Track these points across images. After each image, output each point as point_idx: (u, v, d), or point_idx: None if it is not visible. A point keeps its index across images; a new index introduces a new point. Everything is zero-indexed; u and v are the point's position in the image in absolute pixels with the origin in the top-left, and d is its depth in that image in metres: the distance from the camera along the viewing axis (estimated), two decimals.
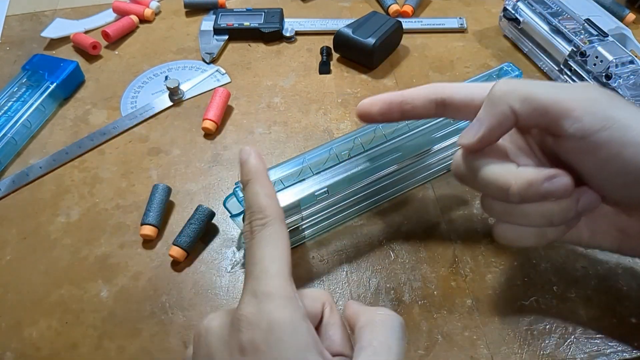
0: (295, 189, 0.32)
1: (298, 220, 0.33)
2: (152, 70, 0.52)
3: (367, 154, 0.34)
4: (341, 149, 0.35)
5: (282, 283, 0.22)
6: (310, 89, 0.49)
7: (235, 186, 0.33)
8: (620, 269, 0.34)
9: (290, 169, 0.34)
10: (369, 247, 0.36)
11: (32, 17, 0.60)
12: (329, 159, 0.35)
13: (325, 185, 0.32)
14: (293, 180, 0.33)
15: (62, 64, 0.49)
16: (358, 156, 0.34)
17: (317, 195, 0.32)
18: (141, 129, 0.46)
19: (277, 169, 0.34)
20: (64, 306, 0.34)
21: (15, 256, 0.37)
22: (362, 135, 0.36)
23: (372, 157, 0.34)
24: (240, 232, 0.37)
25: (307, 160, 0.34)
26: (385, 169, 0.35)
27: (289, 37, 0.54)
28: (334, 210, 0.35)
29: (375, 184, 0.35)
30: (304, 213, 0.33)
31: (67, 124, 0.47)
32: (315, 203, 0.33)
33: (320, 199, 0.33)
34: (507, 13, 0.51)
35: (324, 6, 0.59)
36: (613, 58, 0.40)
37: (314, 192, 0.32)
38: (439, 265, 0.35)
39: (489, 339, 0.31)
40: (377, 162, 0.34)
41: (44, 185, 0.42)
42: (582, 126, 0.23)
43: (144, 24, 0.58)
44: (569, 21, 0.46)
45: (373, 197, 0.37)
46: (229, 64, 0.52)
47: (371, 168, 0.34)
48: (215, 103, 0.45)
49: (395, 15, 0.56)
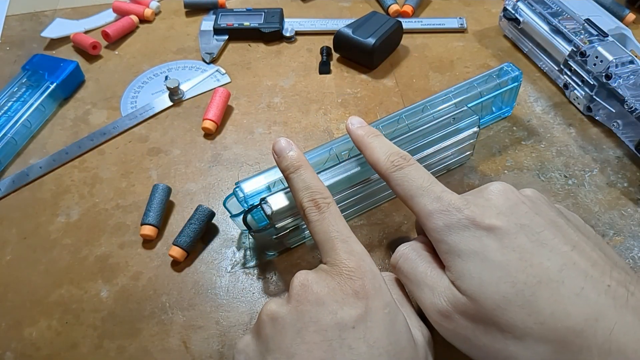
0: None
1: (298, 220, 0.33)
2: (152, 70, 0.52)
3: None
4: (341, 149, 0.35)
5: (362, 247, 0.27)
6: (310, 89, 0.49)
7: (236, 186, 0.33)
8: None
9: None
10: (369, 247, 0.36)
11: (32, 17, 0.60)
12: (329, 159, 0.35)
13: (325, 185, 0.32)
14: None
15: (62, 64, 0.49)
16: (358, 156, 0.34)
17: None
18: (141, 129, 0.46)
19: (277, 169, 0.34)
20: (64, 306, 0.34)
21: (15, 256, 0.37)
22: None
23: None
24: (240, 232, 0.37)
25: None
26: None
27: (289, 37, 0.54)
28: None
29: (375, 183, 0.35)
30: None
31: (67, 124, 0.47)
32: None
33: None
34: (507, 13, 0.51)
35: (324, 6, 0.59)
36: (613, 58, 0.40)
37: None
38: None
39: None
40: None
41: (44, 185, 0.42)
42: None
43: (144, 24, 0.58)
44: (569, 21, 0.46)
45: (373, 197, 0.37)
46: (229, 64, 0.52)
47: (371, 168, 0.34)
48: (215, 103, 0.45)
49: (395, 15, 0.56)
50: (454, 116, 0.36)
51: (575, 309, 0.22)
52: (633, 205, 0.38)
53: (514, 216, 0.25)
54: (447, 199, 0.26)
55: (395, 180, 0.28)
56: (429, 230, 0.27)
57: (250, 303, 0.34)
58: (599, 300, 0.22)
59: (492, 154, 0.42)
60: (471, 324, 0.24)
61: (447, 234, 0.25)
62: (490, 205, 0.26)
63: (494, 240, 0.24)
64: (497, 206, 0.26)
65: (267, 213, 0.31)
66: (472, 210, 0.25)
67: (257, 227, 0.33)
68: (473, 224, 0.25)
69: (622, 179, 0.39)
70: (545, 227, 0.25)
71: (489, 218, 0.25)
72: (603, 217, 0.37)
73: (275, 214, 0.31)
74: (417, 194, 0.27)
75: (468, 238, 0.25)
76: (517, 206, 0.26)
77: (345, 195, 0.34)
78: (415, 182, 0.28)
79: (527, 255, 0.23)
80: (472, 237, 0.25)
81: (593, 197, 0.38)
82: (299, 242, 0.37)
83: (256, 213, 0.32)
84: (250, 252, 0.36)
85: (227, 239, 0.37)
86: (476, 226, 0.25)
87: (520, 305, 0.23)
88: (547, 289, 0.22)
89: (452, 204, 0.26)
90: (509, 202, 0.26)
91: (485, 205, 0.26)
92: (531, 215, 0.25)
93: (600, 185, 0.39)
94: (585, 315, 0.21)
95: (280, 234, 0.33)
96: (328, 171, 0.33)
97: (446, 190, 0.27)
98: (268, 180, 0.34)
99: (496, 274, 0.23)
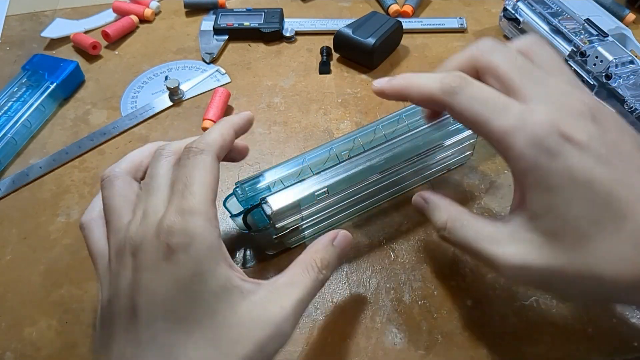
0: (295, 189, 0.32)
1: (298, 220, 0.33)
2: (152, 70, 0.52)
3: (367, 154, 0.34)
4: (341, 149, 0.35)
5: (206, 205, 0.25)
6: (310, 89, 0.49)
7: (235, 186, 0.33)
8: None
9: (290, 169, 0.34)
10: (369, 247, 0.36)
11: (32, 17, 0.60)
12: (329, 159, 0.35)
13: (325, 185, 0.32)
14: (293, 181, 0.33)
15: (62, 64, 0.49)
16: (358, 156, 0.34)
17: (317, 195, 0.32)
18: (141, 129, 0.46)
19: (277, 169, 0.34)
20: (64, 306, 0.34)
21: (15, 256, 0.37)
22: (362, 135, 0.36)
23: (372, 157, 0.34)
24: (239, 232, 0.37)
25: (307, 160, 0.35)
26: (385, 169, 0.35)
27: (289, 37, 0.54)
28: (334, 210, 0.35)
29: (375, 183, 0.35)
30: (304, 213, 0.33)
31: (67, 124, 0.47)
32: (315, 203, 0.33)
33: (320, 199, 0.33)
34: (507, 13, 0.51)
35: (324, 6, 0.59)
36: (613, 58, 0.40)
37: (314, 192, 0.32)
38: (439, 265, 0.35)
39: (488, 339, 0.31)
40: (377, 162, 0.34)
41: (44, 185, 0.42)
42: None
43: (144, 24, 0.58)
44: (569, 21, 0.46)
45: (373, 197, 0.37)
46: (229, 64, 0.52)
47: (371, 168, 0.34)
48: (215, 103, 0.45)
49: (395, 15, 0.56)
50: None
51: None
52: None
53: (607, 132, 0.23)
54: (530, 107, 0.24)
55: (460, 105, 0.25)
56: (517, 164, 0.24)
57: None
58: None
59: (492, 154, 0.42)
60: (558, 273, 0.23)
61: (536, 156, 0.23)
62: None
63: (582, 167, 0.22)
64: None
65: (268, 213, 0.31)
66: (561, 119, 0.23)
67: (257, 228, 0.33)
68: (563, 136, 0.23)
69: None
70: (633, 146, 0.24)
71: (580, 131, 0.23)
72: None
73: (275, 214, 0.31)
74: (491, 114, 0.24)
75: (555, 162, 0.23)
76: (604, 118, 0.24)
77: (345, 195, 0.34)
78: (484, 102, 0.25)
79: (615, 187, 0.22)
80: (561, 163, 0.23)
81: None
82: (299, 242, 0.37)
83: (256, 213, 0.32)
84: (250, 252, 0.36)
85: (227, 239, 0.37)
86: (564, 140, 0.23)
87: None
88: (631, 223, 0.22)
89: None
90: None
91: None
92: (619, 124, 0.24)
93: None
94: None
95: (280, 234, 0.33)
96: (328, 171, 0.33)
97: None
98: (268, 180, 0.34)
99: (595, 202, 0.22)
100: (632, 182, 0.23)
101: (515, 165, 0.24)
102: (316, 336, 0.32)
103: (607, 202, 0.22)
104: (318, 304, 0.33)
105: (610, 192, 0.22)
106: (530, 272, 0.24)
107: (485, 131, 0.25)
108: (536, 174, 0.23)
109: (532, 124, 0.23)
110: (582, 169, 0.23)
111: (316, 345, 0.31)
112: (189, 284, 0.23)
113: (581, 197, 0.23)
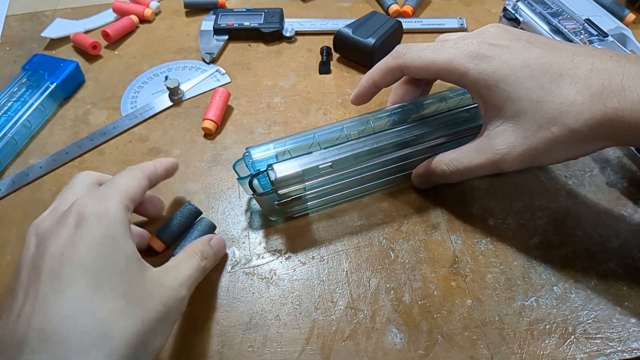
0: (301, 160, 0.34)
1: (301, 190, 0.34)
2: (152, 70, 0.52)
3: (376, 136, 0.36)
4: (351, 130, 0.37)
5: (119, 198, 0.28)
6: (310, 89, 0.49)
7: (245, 151, 0.35)
8: (621, 269, 0.34)
9: (299, 143, 0.36)
10: (369, 247, 0.36)
11: (32, 17, 0.60)
12: (340, 137, 0.36)
13: (330, 160, 0.34)
14: (301, 152, 0.35)
15: (62, 64, 0.49)
16: (367, 137, 0.35)
17: (321, 168, 0.34)
18: (141, 129, 0.46)
19: (287, 140, 0.36)
20: None
21: (16, 256, 0.37)
22: (375, 119, 0.37)
23: (380, 139, 0.36)
24: (249, 197, 0.39)
25: (317, 137, 0.36)
26: (391, 154, 0.36)
27: (289, 37, 0.54)
28: (337, 186, 0.36)
29: (380, 165, 0.36)
30: (307, 184, 0.34)
31: (67, 124, 0.47)
32: (319, 176, 0.34)
33: (324, 172, 0.34)
34: (507, 13, 0.51)
35: (324, 6, 0.59)
36: None
37: (318, 165, 0.34)
38: (439, 265, 0.35)
39: (489, 339, 0.31)
40: (384, 145, 0.36)
41: (44, 185, 0.42)
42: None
43: (144, 24, 0.58)
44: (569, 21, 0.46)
45: (377, 179, 0.38)
46: (229, 64, 0.52)
47: (377, 150, 0.35)
48: (215, 103, 0.45)
49: (395, 15, 0.56)
50: (468, 110, 0.38)
51: (593, 81, 0.28)
52: (633, 205, 0.38)
53: (522, 35, 0.32)
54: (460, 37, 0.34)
55: (411, 58, 0.34)
56: (467, 78, 0.32)
57: (250, 303, 0.34)
58: (607, 66, 0.28)
59: None
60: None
61: (478, 65, 0.31)
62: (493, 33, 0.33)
63: (514, 56, 0.30)
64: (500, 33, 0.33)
65: (272, 179, 0.33)
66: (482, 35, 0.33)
67: (262, 191, 0.34)
68: (488, 44, 0.31)
69: (622, 179, 0.40)
70: (546, 39, 0.32)
71: (501, 39, 0.32)
72: (603, 217, 0.37)
73: (278, 180, 0.33)
74: (433, 53, 0.33)
75: (494, 62, 0.30)
76: (517, 31, 0.32)
77: (349, 173, 0.35)
78: (425, 48, 0.34)
79: (545, 59, 0.30)
80: (497, 61, 0.30)
81: (593, 197, 0.38)
82: (302, 212, 0.38)
83: (262, 179, 0.34)
84: (256, 217, 0.38)
85: (226, 239, 0.37)
86: (493, 46, 0.31)
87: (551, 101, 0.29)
88: (568, 77, 0.29)
89: (467, 36, 0.33)
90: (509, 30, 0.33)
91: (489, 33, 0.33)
92: (531, 34, 0.32)
93: (600, 185, 0.39)
94: (602, 80, 0.27)
95: (282, 201, 0.34)
96: (335, 148, 0.35)
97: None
98: (277, 149, 0.35)
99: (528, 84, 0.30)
100: (556, 52, 0.30)
101: (468, 80, 0.32)
102: (316, 336, 0.32)
103: (543, 70, 0.29)
104: (318, 304, 0.33)
105: (542, 62, 0.30)
106: (519, 149, 0.30)
107: (435, 69, 0.33)
108: (484, 76, 0.31)
109: (466, 45, 0.32)
110: (514, 57, 0.30)
111: (316, 345, 0.31)
112: (103, 243, 0.26)
113: (523, 75, 0.30)
